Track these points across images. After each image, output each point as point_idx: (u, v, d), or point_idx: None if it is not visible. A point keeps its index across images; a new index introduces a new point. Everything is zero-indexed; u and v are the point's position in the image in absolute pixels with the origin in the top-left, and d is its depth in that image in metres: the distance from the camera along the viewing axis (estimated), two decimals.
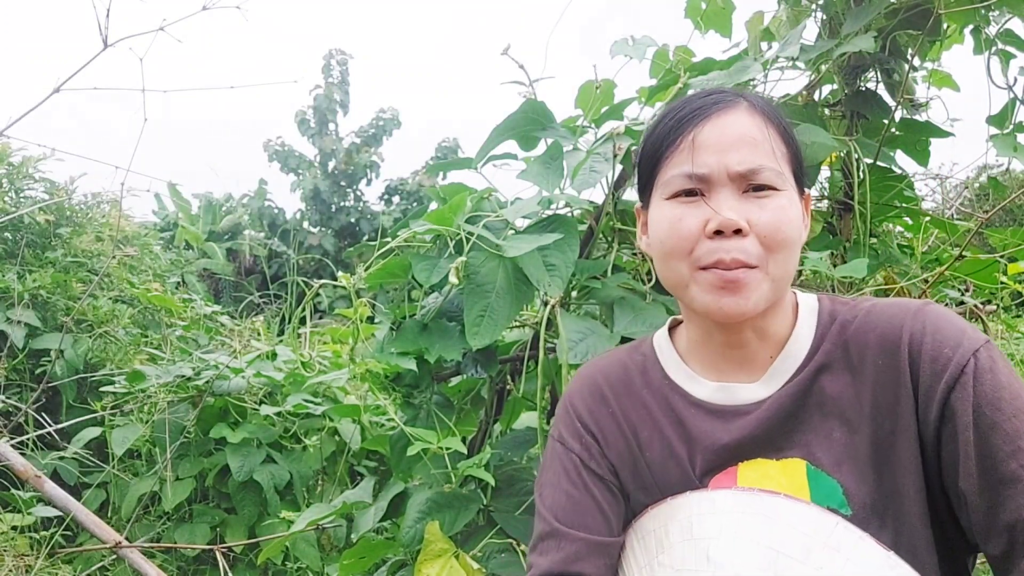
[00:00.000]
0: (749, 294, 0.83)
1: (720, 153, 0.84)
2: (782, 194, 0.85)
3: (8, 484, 2.52)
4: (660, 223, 0.88)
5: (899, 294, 1.71)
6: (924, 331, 0.83)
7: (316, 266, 11.61)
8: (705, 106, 0.87)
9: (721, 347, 0.92)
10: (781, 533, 0.81)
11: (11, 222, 3.61)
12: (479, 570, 1.40)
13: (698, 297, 0.86)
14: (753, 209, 0.84)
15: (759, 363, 0.91)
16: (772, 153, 0.85)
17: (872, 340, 0.86)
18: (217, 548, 2.15)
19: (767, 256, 0.83)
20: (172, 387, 2.92)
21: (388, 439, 1.63)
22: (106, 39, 1.82)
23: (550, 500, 0.96)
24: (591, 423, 0.97)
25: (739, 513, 0.84)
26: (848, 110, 1.75)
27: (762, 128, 0.86)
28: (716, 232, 0.83)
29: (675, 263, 0.87)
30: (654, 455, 0.93)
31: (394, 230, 1.62)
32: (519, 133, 1.62)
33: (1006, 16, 1.66)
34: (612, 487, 0.95)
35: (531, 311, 1.68)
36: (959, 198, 2.56)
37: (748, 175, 0.84)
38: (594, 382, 1.00)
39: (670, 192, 0.87)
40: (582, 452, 0.96)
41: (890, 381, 0.83)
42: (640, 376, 0.98)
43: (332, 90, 13.44)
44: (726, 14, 1.87)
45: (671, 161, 0.87)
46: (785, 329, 0.90)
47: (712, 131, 0.85)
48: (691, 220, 0.85)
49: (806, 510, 0.82)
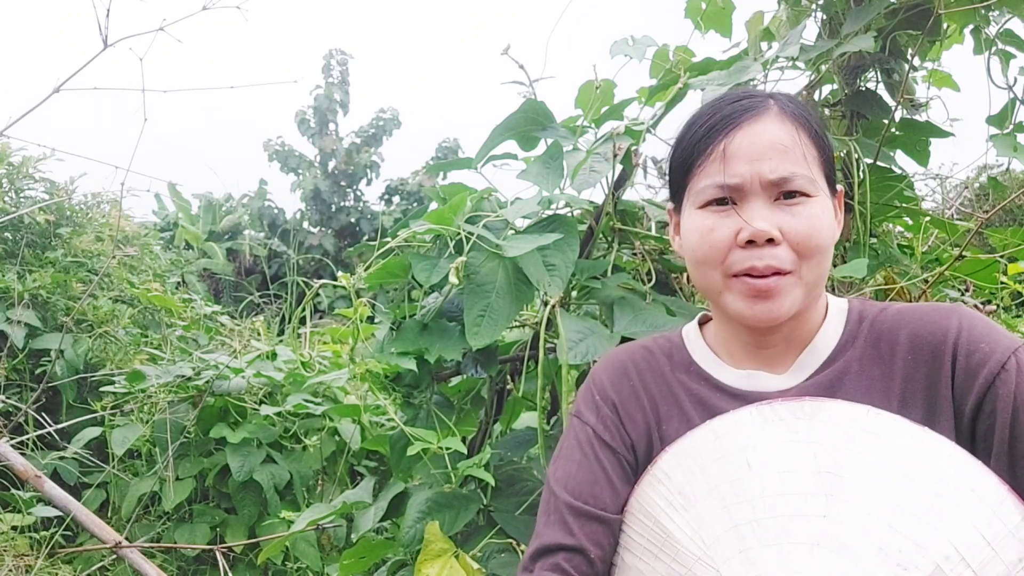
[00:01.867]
0: (782, 300, 0.84)
1: (751, 162, 0.84)
2: (814, 200, 0.85)
3: (8, 484, 2.52)
4: (692, 232, 0.89)
5: (899, 294, 1.71)
6: (960, 328, 0.84)
7: (316, 266, 11.61)
8: (735, 113, 0.87)
9: (750, 346, 0.93)
10: (815, 428, 0.80)
11: (11, 222, 3.61)
12: (479, 570, 1.40)
13: (732, 304, 0.87)
14: (785, 217, 0.84)
15: (787, 358, 0.92)
16: (803, 159, 0.85)
17: (903, 337, 0.87)
18: (217, 548, 2.15)
19: (800, 262, 0.84)
20: (172, 387, 2.92)
21: (388, 439, 1.63)
22: (106, 39, 1.82)
23: (561, 472, 0.95)
24: (612, 393, 0.97)
25: (766, 421, 0.83)
26: (848, 110, 1.75)
27: (792, 134, 0.86)
28: (748, 242, 0.84)
29: (708, 271, 0.88)
30: (671, 432, 0.92)
31: (394, 230, 1.62)
32: (519, 133, 1.62)
33: (1006, 16, 1.66)
34: (624, 462, 0.93)
35: (531, 311, 1.68)
36: (959, 198, 2.56)
37: (780, 183, 0.84)
38: (618, 359, 1.01)
39: (702, 201, 0.88)
40: (597, 424, 0.96)
41: (922, 377, 0.84)
42: (665, 357, 0.99)
43: (332, 90, 13.44)
44: (726, 14, 1.87)
45: (703, 171, 0.88)
46: (814, 327, 0.91)
47: (743, 140, 0.85)
48: (723, 230, 0.86)
49: (835, 405, 0.82)
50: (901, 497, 0.73)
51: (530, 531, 1.50)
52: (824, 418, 0.81)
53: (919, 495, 0.73)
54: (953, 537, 0.71)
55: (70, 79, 1.85)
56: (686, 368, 0.96)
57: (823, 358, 0.89)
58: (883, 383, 0.86)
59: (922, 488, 0.74)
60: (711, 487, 0.81)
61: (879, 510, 0.72)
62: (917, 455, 0.77)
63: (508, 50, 1.66)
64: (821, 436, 0.80)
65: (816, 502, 0.75)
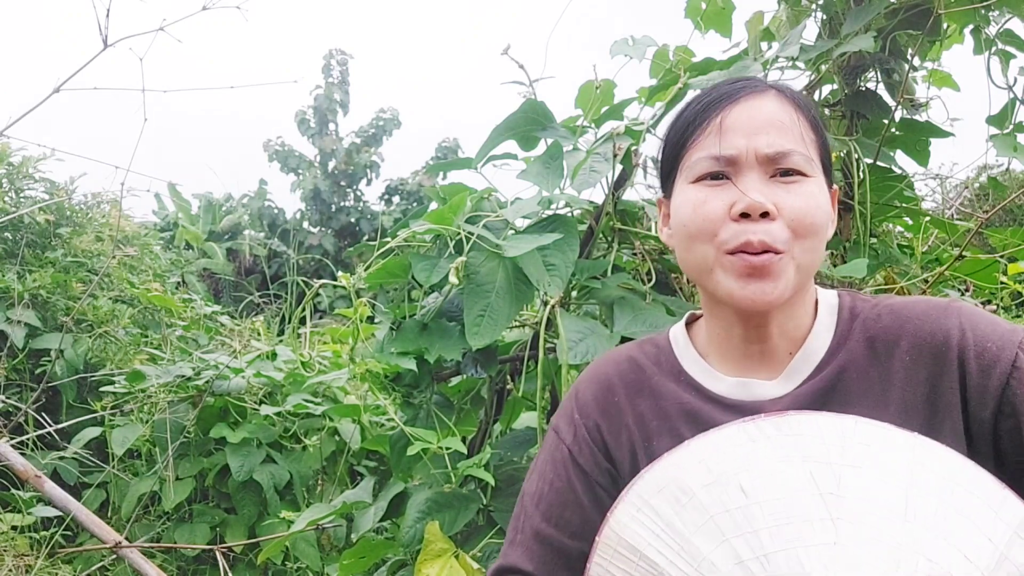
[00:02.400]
0: (776, 281, 0.81)
1: (749, 136, 0.82)
2: (811, 180, 0.83)
3: (8, 484, 2.52)
4: (684, 206, 0.86)
5: (899, 294, 1.71)
6: (963, 329, 0.82)
7: (316, 266, 11.61)
8: (733, 91, 0.86)
9: (741, 341, 0.89)
10: (806, 445, 0.76)
11: (11, 222, 3.61)
12: (479, 570, 1.40)
13: (723, 282, 0.83)
14: (781, 193, 0.82)
15: (778, 359, 0.89)
16: (801, 138, 0.84)
17: (900, 338, 0.84)
18: (217, 548, 2.15)
19: (794, 242, 0.81)
20: (172, 387, 2.92)
21: (388, 439, 1.63)
22: (106, 39, 1.82)
23: (534, 488, 0.94)
24: (595, 412, 0.94)
25: (753, 441, 0.78)
26: (848, 110, 1.75)
27: (791, 114, 0.85)
28: (743, 215, 0.81)
29: (699, 246, 0.84)
30: (661, 449, 0.88)
31: (394, 230, 1.62)
32: (519, 133, 1.63)
33: (1006, 16, 1.66)
34: (597, 486, 0.90)
35: (531, 311, 1.68)
36: (959, 198, 2.56)
37: (777, 158, 0.82)
38: (603, 373, 0.97)
39: (695, 175, 0.86)
40: (572, 444, 0.93)
41: (922, 380, 0.82)
42: (653, 367, 0.95)
43: (332, 90, 13.44)
44: (726, 14, 1.87)
45: (697, 144, 0.86)
46: (805, 325, 0.89)
47: (741, 114, 0.84)
48: (716, 202, 0.83)
49: (821, 419, 0.79)
50: (906, 511, 0.71)
51: None
52: (813, 433, 0.78)
53: (923, 507, 0.71)
54: (962, 545, 0.69)
55: (70, 79, 1.86)
56: (676, 377, 0.92)
57: (815, 362, 0.87)
58: (880, 386, 0.83)
59: (924, 499, 0.72)
60: (705, 518, 0.75)
61: (887, 529, 0.70)
62: (913, 464, 0.75)
63: (508, 50, 1.66)
64: (813, 453, 0.76)
65: (824, 528, 0.71)
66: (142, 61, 1.88)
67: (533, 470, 0.96)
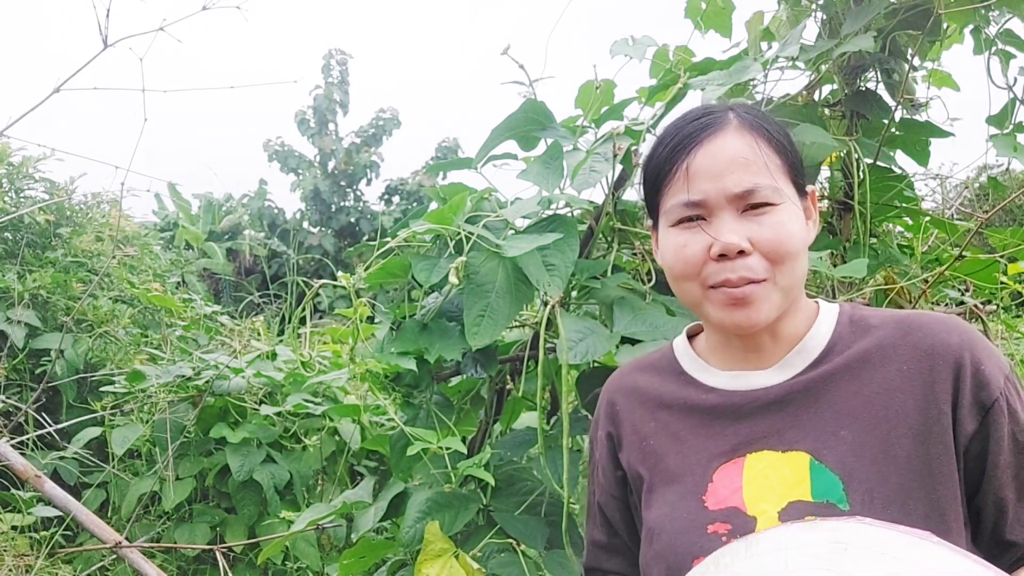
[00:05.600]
0: (759, 307, 0.87)
1: (714, 179, 0.88)
2: (780, 208, 0.88)
3: (8, 484, 2.52)
4: (667, 250, 0.93)
5: (899, 294, 1.71)
6: (962, 347, 0.86)
7: (316, 266, 11.61)
8: (695, 132, 0.90)
9: (739, 350, 0.96)
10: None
11: (11, 222, 3.61)
12: (479, 570, 1.40)
13: (712, 313, 0.90)
14: (753, 227, 0.87)
15: (774, 359, 0.94)
16: (766, 169, 0.88)
17: (902, 345, 0.88)
18: (217, 548, 2.14)
19: (773, 269, 0.87)
20: (172, 387, 2.92)
21: (388, 439, 1.63)
22: (106, 39, 1.82)
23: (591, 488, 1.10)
24: (607, 424, 1.05)
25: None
26: (848, 110, 1.75)
27: (752, 145, 0.89)
28: (721, 256, 0.87)
29: (685, 284, 0.92)
30: (660, 444, 0.97)
31: (394, 230, 1.62)
32: (519, 133, 1.63)
33: (1006, 16, 1.66)
34: (613, 496, 1.03)
35: (531, 311, 1.68)
36: (959, 198, 2.56)
37: (744, 196, 0.87)
38: (614, 383, 1.07)
39: (672, 220, 0.91)
40: (596, 455, 1.07)
41: (917, 387, 0.85)
42: (655, 369, 1.04)
43: (332, 90, 13.45)
44: (726, 14, 1.87)
45: (669, 190, 0.91)
46: (802, 328, 0.94)
47: (704, 158, 0.89)
48: (696, 246, 0.89)
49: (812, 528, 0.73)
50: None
51: (530, 530, 1.51)
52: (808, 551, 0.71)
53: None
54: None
55: (70, 79, 1.85)
56: (676, 376, 1.00)
57: (811, 359, 0.91)
58: (873, 389, 0.87)
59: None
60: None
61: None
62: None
63: (508, 50, 1.66)
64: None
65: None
66: (142, 61, 1.88)
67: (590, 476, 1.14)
